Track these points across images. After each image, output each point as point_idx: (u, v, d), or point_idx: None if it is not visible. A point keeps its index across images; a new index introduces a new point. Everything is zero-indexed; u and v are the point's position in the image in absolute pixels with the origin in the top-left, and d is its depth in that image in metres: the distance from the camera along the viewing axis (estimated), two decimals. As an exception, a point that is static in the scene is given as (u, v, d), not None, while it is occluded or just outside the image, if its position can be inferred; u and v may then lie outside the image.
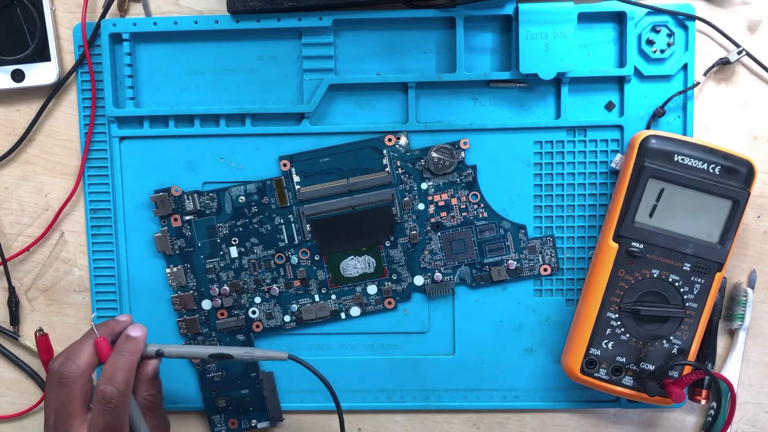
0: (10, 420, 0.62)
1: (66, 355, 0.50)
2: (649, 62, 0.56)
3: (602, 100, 0.57)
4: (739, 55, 0.55)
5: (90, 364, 0.50)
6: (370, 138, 0.58)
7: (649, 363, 0.54)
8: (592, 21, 0.56)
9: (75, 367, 0.49)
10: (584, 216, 0.58)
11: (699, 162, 0.52)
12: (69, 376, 0.49)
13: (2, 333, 0.61)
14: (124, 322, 0.52)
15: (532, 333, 0.59)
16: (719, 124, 0.57)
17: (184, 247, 0.59)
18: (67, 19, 0.59)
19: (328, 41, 0.56)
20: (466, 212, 0.58)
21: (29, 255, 0.61)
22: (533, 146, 0.57)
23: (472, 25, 0.56)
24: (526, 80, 0.56)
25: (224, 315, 0.59)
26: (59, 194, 0.60)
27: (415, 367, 0.59)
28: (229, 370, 0.60)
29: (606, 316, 0.54)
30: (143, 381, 0.51)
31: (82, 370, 0.49)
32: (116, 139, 0.58)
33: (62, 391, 0.49)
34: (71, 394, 0.49)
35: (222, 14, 0.57)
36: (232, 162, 0.58)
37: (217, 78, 0.58)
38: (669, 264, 0.53)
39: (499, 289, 0.59)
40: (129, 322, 0.52)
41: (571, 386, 0.58)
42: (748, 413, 0.59)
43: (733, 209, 0.52)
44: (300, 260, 0.59)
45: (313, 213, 0.58)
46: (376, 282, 0.59)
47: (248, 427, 0.60)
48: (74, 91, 0.59)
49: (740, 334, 0.58)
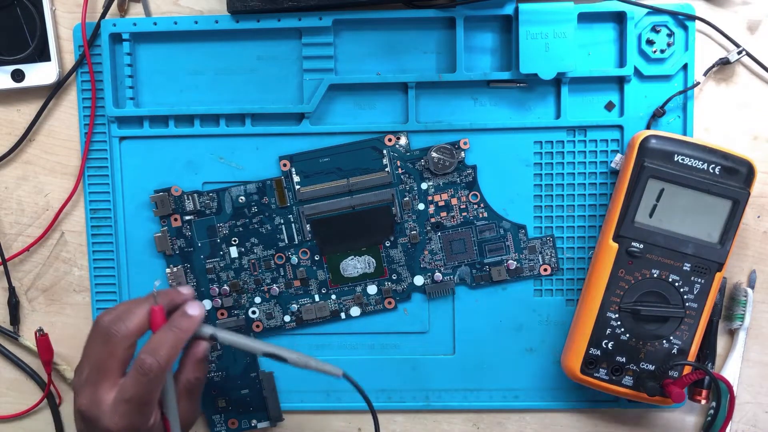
0: (10, 420, 0.62)
1: (118, 314, 0.48)
2: (649, 62, 0.56)
3: (602, 100, 0.57)
4: (739, 55, 0.55)
5: (140, 329, 0.48)
6: (370, 138, 0.58)
7: (649, 363, 0.54)
8: (592, 21, 0.56)
9: (124, 328, 0.47)
10: (584, 216, 0.58)
11: (699, 162, 0.52)
12: (116, 335, 0.47)
13: (2, 333, 0.61)
14: (185, 296, 0.50)
15: (532, 333, 0.59)
16: (719, 124, 0.57)
17: (184, 247, 0.59)
18: (67, 19, 0.59)
19: (328, 41, 0.56)
20: (466, 212, 0.58)
21: (29, 255, 0.61)
22: (533, 146, 0.57)
23: (472, 25, 0.56)
24: (526, 80, 0.56)
25: (224, 315, 0.59)
26: (59, 194, 0.60)
27: (415, 367, 0.59)
28: (229, 370, 0.60)
29: (606, 316, 0.54)
30: (190, 362, 0.50)
31: (131, 333, 0.48)
32: (116, 139, 0.58)
33: (104, 349, 0.47)
34: (112, 354, 0.47)
35: (222, 14, 0.57)
36: (232, 162, 0.58)
37: (217, 78, 0.58)
38: (669, 264, 0.53)
39: (499, 289, 0.59)
40: (190, 296, 0.51)
41: (571, 386, 0.58)
42: (748, 413, 0.59)
43: (733, 209, 0.52)
44: (300, 260, 0.59)
45: (313, 213, 0.58)
46: (376, 282, 0.59)
47: (248, 427, 0.60)
48: (74, 91, 0.59)
49: (740, 334, 0.58)
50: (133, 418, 0.47)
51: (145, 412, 0.47)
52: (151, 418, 0.48)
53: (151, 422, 0.48)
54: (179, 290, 0.51)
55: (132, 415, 0.47)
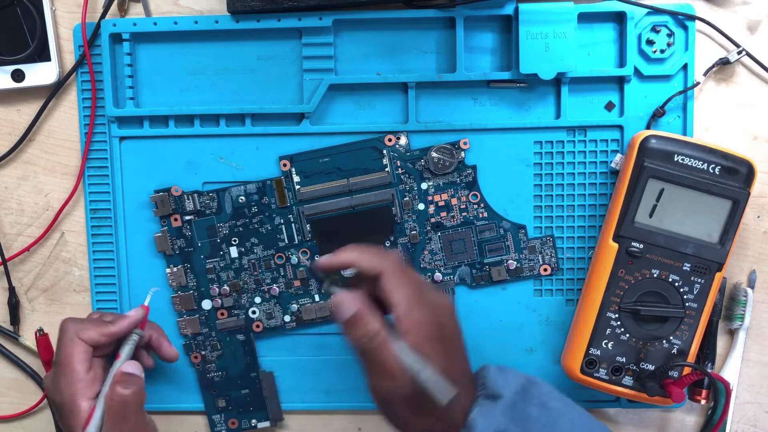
0: (10, 420, 0.62)
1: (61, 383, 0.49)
2: (649, 62, 0.56)
3: (602, 100, 0.57)
4: (739, 55, 0.55)
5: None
6: (370, 138, 0.58)
7: (649, 363, 0.53)
8: (592, 21, 0.56)
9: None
10: (584, 216, 0.58)
11: (699, 162, 0.52)
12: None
13: (2, 333, 0.61)
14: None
15: (532, 333, 0.59)
16: (719, 124, 0.57)
17: (184, 247, 0.59)
18: (67, 19, 0.59)
19: (328, 41, 0.56)
20: (466, 212, 0.58)
21: (29, 255, 0.61)
22: (533, 146, 0.57)
23: (472, 25, 0.56)
24: (526, 80, 0.56)
25: (224, 315, 0.59)
26: (59, 194, 0.60)
27: (415, 367, 0.59)
28: (228, 370, 0.60)
29: (606, 316, 0.54)
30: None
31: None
32: (116, 139, 0.58)
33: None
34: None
35: (222, 14, 0.56)
36: (232, 162, 0.58)
37: (217, 78, 0.58)
38: (669, 264, 0.53)
39: (499, 289, 0.59)
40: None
41: (571, 386, 0.58)
42: (748, 413, 0.59)
43: (733, 209, 0.52)
44: (300, 260, 0.59)
45: (313, 213, 0.58)
46: (376, 282, 0.59)
47: (248, 427, 0.60)
48: (74, 91, 0.59)
49: (740, 334, 0.58)
50: None
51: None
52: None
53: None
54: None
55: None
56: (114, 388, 0.48)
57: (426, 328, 0.44)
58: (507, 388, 0.45)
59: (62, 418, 0.49)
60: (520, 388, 0.45)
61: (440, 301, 0.46)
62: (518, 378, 0.46)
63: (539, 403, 0.45)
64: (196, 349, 0.60)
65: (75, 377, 0.48)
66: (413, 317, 0.44)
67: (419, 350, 0.43)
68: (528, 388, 0.46)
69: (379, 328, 0.44)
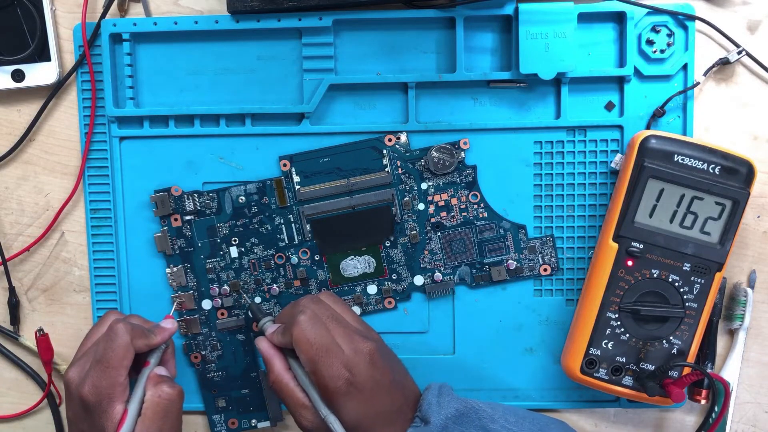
0: (10, 420, 0.62)
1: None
2: (649, 62, 0.56)
3: (602, 100, 0.57)
4: (739, 55, 0.55)
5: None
6: (370, 138, 0.58)
7: (649, 363, 0.54)
8: (592, 21, 0.56)
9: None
10: (584, 216, 0.58)
11: (699, 162, 0.52)
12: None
13: (2, 333, 0.61)
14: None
15: (532, 333, 0.59)
16: (719, 124, 0.57)
17: (184, 247, 0.59)
18: (67, 19, 0.59)
19: (328, 41, 0.56)
20: (466, 212, 0.58)
21: (29, 255, 0.61)
22: (533, 146, 0.57)
23: (472, 25, 0.56)
24: (526, 80, 0.56)
25: (224, 315, 0.59)
26: (59, 194, 0.60)
27: (415, 367, 0.59)
28: (228, 370, 0.60)
29: (606, 316, 0.54)
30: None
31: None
32: (116, 139, 0.58)
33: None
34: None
35: (222, 14, 0.57)
36: (232, 162, 0.58)
37: (217, 78, 0.58)
38: (669, 264, 0.53)
39: (499, 289, 0.59)
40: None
41: (571, 386, 0.58)
42: (748, 413, 0.59)
43: (733, 209, 0.52)
44: (300, 260, 0.59)
45: (313, 213, 0.58)
46: (376, 282, 0.59)
47: (248, 427, 0.60)
48: (74, 91, 0.59)
49: (740, 334, 0.58)
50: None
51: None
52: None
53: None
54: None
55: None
56: (160, 387, 0.50)
57: (333, 382, 0.48)
58: (438, 414, 0.49)
59: (90, 417, 0.48)
60: (454, 414, 0.49)
61: (353, 352, 0.49)
62: (453, 403, 0.49)
63: (479, 426, 0.49)
64: (196, 349, 0.60)
65: (118, 380, 0.49)
66: (319, 377, 0.48)
67: (329, 403, 0.48)
68: (466, 413, 0.49)
69: (282, 373, 0.51)
